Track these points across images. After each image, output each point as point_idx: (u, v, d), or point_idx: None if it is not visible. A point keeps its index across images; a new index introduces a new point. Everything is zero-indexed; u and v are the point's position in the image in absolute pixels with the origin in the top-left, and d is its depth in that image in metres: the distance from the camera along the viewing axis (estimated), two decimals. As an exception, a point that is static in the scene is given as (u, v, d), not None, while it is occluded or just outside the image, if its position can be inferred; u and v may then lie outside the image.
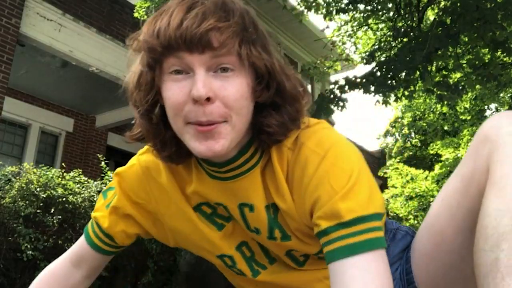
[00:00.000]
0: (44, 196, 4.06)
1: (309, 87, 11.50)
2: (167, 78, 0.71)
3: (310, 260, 0.89)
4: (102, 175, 4.88)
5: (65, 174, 4.43)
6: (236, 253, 0.89)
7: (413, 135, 14.96)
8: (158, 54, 0.69)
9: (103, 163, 4.90)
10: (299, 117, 0.78)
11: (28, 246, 3.83)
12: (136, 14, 6.16)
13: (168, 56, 0.68)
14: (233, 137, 0.72)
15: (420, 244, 0.91)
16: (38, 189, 4.06)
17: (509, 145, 0.70)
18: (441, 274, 0.86)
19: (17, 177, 4.20)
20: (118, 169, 0.95)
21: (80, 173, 4.62)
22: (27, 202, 3.98)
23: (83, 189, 4.45)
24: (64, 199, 4.17)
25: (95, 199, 4.45)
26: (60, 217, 4.12)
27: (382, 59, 6.07)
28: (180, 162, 0.82)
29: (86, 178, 4.64)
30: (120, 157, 8.44)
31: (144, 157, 0.92)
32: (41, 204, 4.05)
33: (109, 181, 4.73)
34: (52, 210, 4.11)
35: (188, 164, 0.85)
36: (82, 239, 0.97)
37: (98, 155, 7.06)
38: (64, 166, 5.14)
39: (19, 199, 3.97)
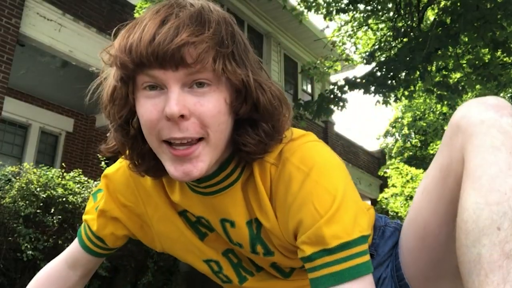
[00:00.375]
0: (44, 196, 4.06)
1: (309, 87, 11.49)
2: (141, 94, 0.68)
3: (296, 271, 0.89)
4: (102, 175, 4.86)
5: (65, 174, 4.43)
6: (223, 259, 0.88)
7: (413, 135, 14.96)
8: (130, 71, 0.66)
9: (103, 163, 4.90)
10: (277, 133, 0.74)
11: (28, 246, 3.83)
12: (136, 15, 6.16)
13: (140, 73, 0.66)
14: (212, 157, 0.70)
15: (405, 240, 0.90)
16: (38, 189, 4.05)
17: (481, 134, 0.68)
18: (430, 267, 0.85)
19: (17, 177, 4.20)
20: (106, 171, 0.93)
21: (80, 173, 4.62)
22: (27, 202, 3.98)
23: (83, 189, 4.45)
24: (64, 199, 4.17)
25: (95, 199, 4.45)
26: (60, 217, 4.12)
27: (382, 59, 6.07)
28: (159, 176, 0.79)
29: (86, 178, 4.64)
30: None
31: None
32: (41, 204, 4.05)
33: (109, 181, 4.72)
34: (52, 210, 4.11)
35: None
36: (76, 241, 0.98)
37: (98, 155, 7.06)
38: (64, 166, 5.14)
39: (19, 199, 3.96)
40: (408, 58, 5.13)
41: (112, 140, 0.77)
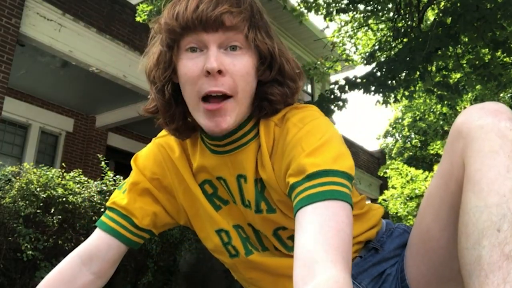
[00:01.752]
0: (44, 196, 4.06)
1: (309, 87, 11.50)
2: (183, 56, 0.80)
3: None
4: (102, 175, 4.88)
5: (65, 174, 4.43)
6: (233, 230, 0.93)
7: (413, 135, 14.96)
8: (177, 35, 0.78)
9: (103, 163, 4.90)
10: (296, 93, 0.87)
11: (28, 246, 3.83)
12: (138, 18, 6.15)
13: (185, 36, 0.78)
14: (238, 113, 0.81)
15: (411, 244, 0.92)
16: (38, 189, 4.06)
17: (481, 139, 0.70)
18: (431, 271, 0.86)
19: (17, 177, 4.21)
20: (135, 154, 1.01)
21: (80, 173, 4.62)
22: (27, 202, 3.98)
23: (83, 189, 4.45)
24: (64, 199, 4.17)
25: (95, 199, 4.45)
26: (60, 217, 4.12)
27: (382, 59, 6.07)
28: (185, 136, 0.91)
29: (86, 178, 4.64)
30: (120, 157, 8.44)
31: (159, 139, 0.99)
32: (41, 204, 4.05)
33: (109, 181, 4.74)
34: (52, 210, 4.11)
35: (194, 141, 0.94)
36: (94, 233, 0.94)
37: (98, 155, 7.06)
38: (64, 166, 5.14)
39: (19, 199, 3.96)
40: (408, 58, 5.12)
41: (151, 102, 0.89)
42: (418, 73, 5.43)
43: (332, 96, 5.70)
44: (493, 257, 0.60)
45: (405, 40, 5.79)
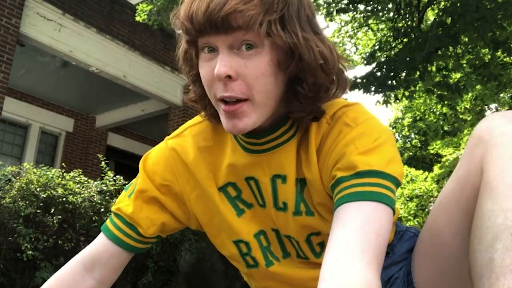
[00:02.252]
0: (44, 196, 4.06)
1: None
2: (201, 57, 0.77)
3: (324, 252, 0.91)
4: (102, 175, 4.88)
5: (65, 174, 4.43)
6: (254, 241, 0.89)
7: (413, 135, 14.96)
8: (193, 37, 0.75)
9: (103, 163, 4.90)
10: (328, 87, 0.79)
11: (28, 246, 3.83)
12: (137, 18, 6.15)
13: (201, 38, 0.74)
14: (259, 115, 0.75)
15: (420, 246, 0.91)
16: (38, 189, 4.05)
17: (502, 145, 0.70)
18: (439, 275, 0.86)
19: (17, 177, 4.20)
20: (144, 155, 0.97)
21: (80, 173, 4.62)
22: (27, 202, 3.98)
23: (83, 189, 4.45)
24: (64, 199, 4.17)
25: (95, 199, 4.46)
26: (60, 217, 4.12)
27: (382, 59, 6.07)
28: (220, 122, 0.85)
29: (86, 178, 4.64)
30: (120, 157, 8.44)
31: (172, 141, 0.94)
32: (41, 204, 4.05)
33: (109, 181, 4.74)
34: (52, 210, 4.11)
35: (223, 139, 0.89)
36: (98, 238, 0.92)
37: (98, 155, 7.06)
38: (64, 166, 5.14)
39: (19, 199, 3.96)
40: (408, 58, 5.13)
41: (191, 92, 0.87)
42: (418, 73, 5.43)
43: (332, 96, 5.69)
44: (505, 261, 0.60)
45: (405, 40, 5.79)
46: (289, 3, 0.74)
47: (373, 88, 5.41)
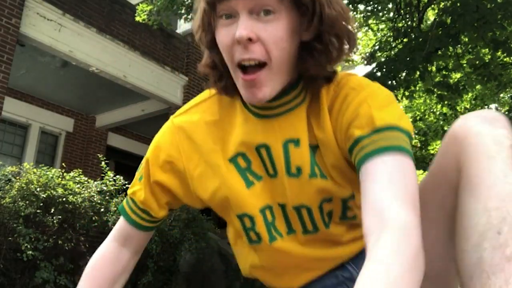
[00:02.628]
0: (44, 196, 4.06)
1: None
2: (219, 23, 0.79)
3: (333, 223, 0.91)
4: (102, 175, 4.88)
5: (65, 174, 4.43)
6: (259, 215, 0.90)
7: (413, 135, 14.95)
8: (211, 2, 0.78)
9: (103, 163, 4.90)
10: (341, 51, 0.83)
11: (28, 246, 3.83)
12: (137, 18, 6.15)
13: (218, 3, 0.77)
14: (276, 82, 0.79)
15: None
16: (38, 189, 4.05)
17: (478, 145, 0.73)
18: None
19: (17, 177, 4.20)
20: (155, 137, 1.00)
21: (80, 173, 4.62)
22: (27, 202, 3.98)
23: (83, 189, 4.45)
24: (64, 199, 4.17)
25: (95, 199, 4.46)
26: (60, 217, 4.12)
27: (383, 59, 6.07)
28: (232, 94, 0.89)
29: (86, 178, 4.64)
30: (120, 157, 8.44)
31: (178, 118, 0.97)
32: (41, 204, 4.05)
33: (109, 181, 4.73)
34: (52, 210, 4.11)
35: (231, 113, 0.91)
36: (122, 218, 1.00)
37: (98, 155, 7.06)
38: (64, 166, 5.14)
39: (19, 199, 3.96)
40: (408, 58, 5.12)
41: (207, 59, 0.88)
42: (418, 73, 5.43)
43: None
44: (494, 259, 0.61)
45: (405, 40, 5.79)
46: None
47: (373, 88, 5.41)
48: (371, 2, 6.37)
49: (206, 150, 0.91)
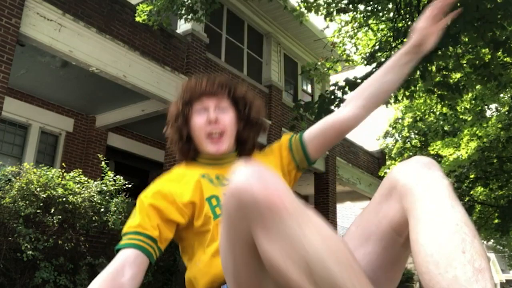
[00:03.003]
0: (44, 196, 4.06)
1: (309, 87, 11.49)
2: (195, 114, 1.33)
3: None
4: (102, 175, 4.87)
5: (65, 174, 4.43)
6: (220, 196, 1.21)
7: (413, 136, 14.96)
8: (193, 99, 1.33)
9: (103, 163, 4.90)
10: (260, 128, 1.41)
11: (28, 246, 3.83)
12: (137, 18, 6.15)
13: (197, 100, 1.33)
14: (229, 143, 1.33)
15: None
16: (38, 189, 4.05)
17: (422, 186, 0.87)
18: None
19: (17, 177, 4.20)
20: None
21: (80, 173, 4.62)
22: (27, 202, 3.98)
23: (83, 189, 4.45)
24: (64, 199, 4.17)
25: (95, 199, 4.45)
26: (60, 217, 4.12)
27: (383, 59, 6.07)
28: (186, 157, 1.38)
29: (86, 178, 4.64)
30: (120, 157, 8.44)
31: (145, 194, 1.24)
32: (41, 204, 4.05)
33: (109, 181, 4.73)
34: (52, 210, 4.11)
35: (191, 167, 1.36)
36: (123, 251, 1.14)
37: (98, 155, 7.05)
38: (64, 166, 5.14)
39: (19, 199, 3.96)
40: (408, 58, 5.11)
41: (178, 144, 1.36)
42: (418, 73, 5.43)
43: (332, 97, 5.70)
44: (467, 274, 0.70)
45: (405, 40, 5.78)
46: (238, 89, 1.38)
47: (373, 88, 5.39)
48: (371, 2, 6.37)
49: (191, 172, 1.29)
